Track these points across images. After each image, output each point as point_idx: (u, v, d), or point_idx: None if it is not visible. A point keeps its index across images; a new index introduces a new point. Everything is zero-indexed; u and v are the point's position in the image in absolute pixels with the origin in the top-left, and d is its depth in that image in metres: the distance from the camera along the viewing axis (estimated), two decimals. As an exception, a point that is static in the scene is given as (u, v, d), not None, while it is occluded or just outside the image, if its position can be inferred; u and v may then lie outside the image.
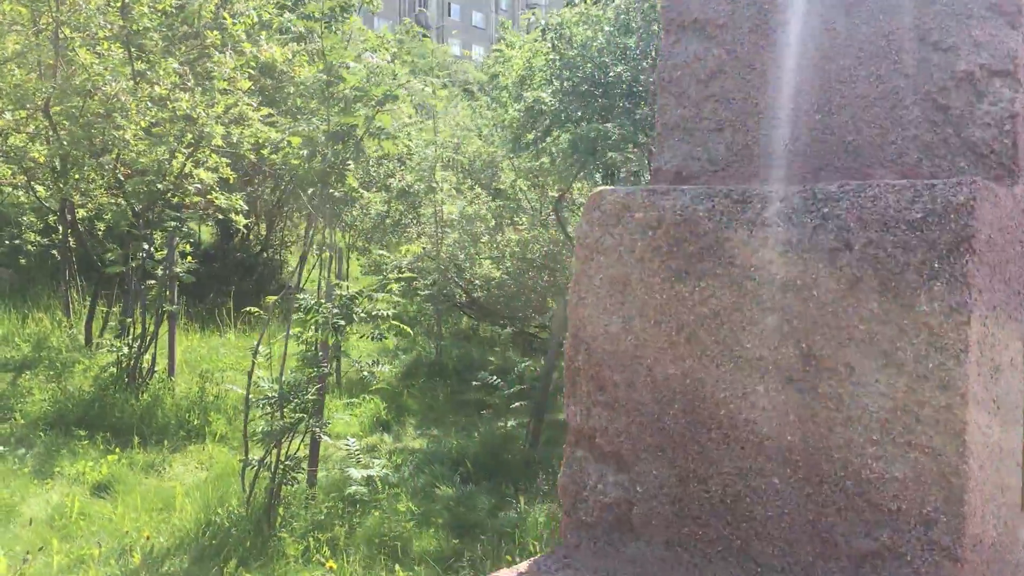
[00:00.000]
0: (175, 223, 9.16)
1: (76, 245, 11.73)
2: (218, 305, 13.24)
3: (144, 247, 9.03)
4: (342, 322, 5.87)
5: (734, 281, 1.91)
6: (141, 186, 9.18)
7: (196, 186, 9.48)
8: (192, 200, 9.76)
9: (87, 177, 9.86)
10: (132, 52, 9.30)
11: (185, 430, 8.04)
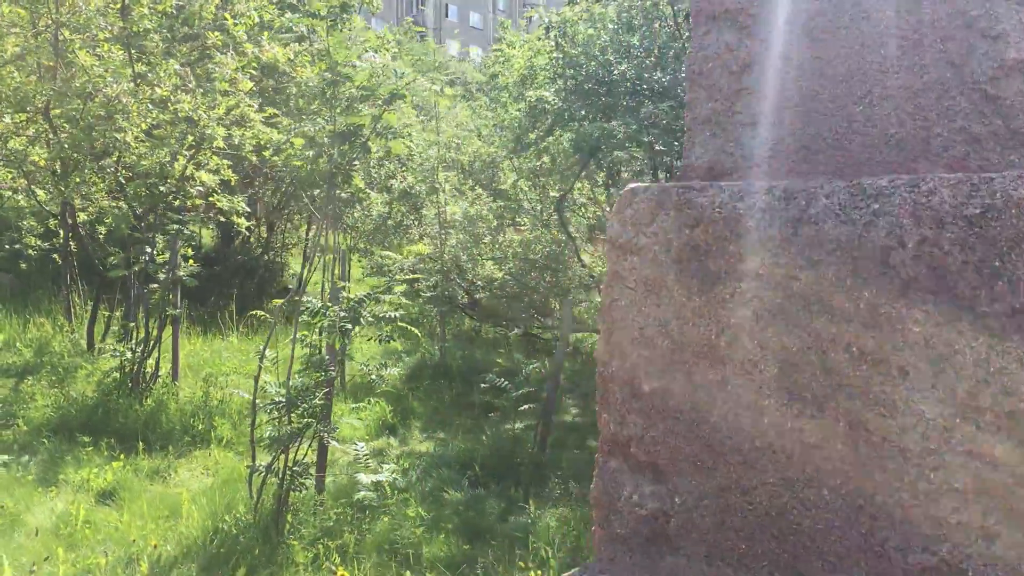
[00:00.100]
0: (178, 226, 9.07)
1: (77, 249, 11.64)
2: (220, 308, 13.16)
3: (146, 250, 8.94)
4: (349, 326, 5.78)
5: (779, 282, 1.81)
6: (142, 189, 9.10)
7: (198, 189, 9.40)
8: (194, 203, 9.67)
9: (88, 180, 9.78)
10: (132, 54, 9.22)
11: (190, 435, 7.95)
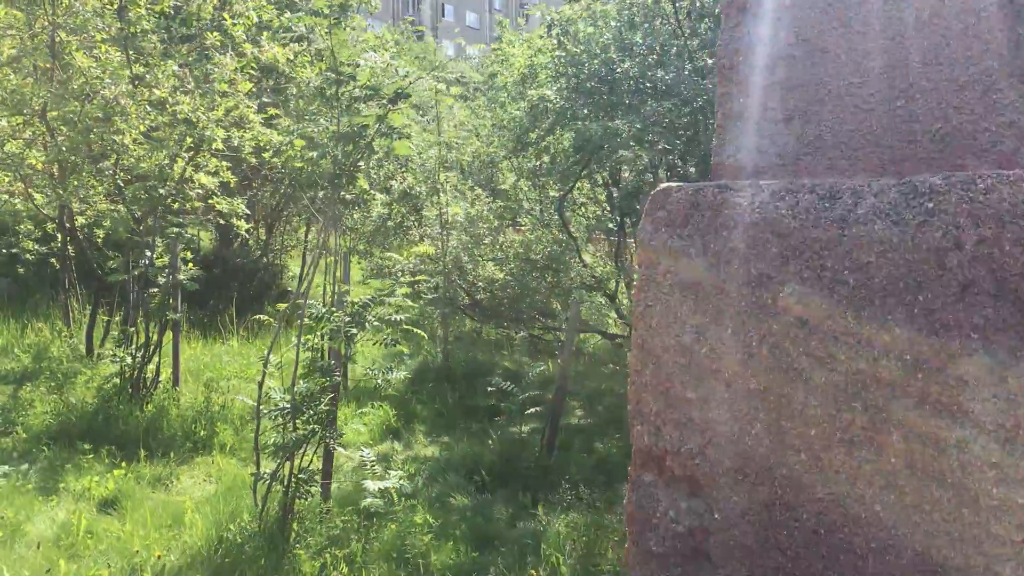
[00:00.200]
0: (178, 229, 8.96)
1: (75, 253, 11.53)
2: (219, 312, 13.07)
3: (146, 254, 8.83)
4: (354, 330, 5.68)
5: (825, 286, 1.71)
6: (141, 192, 8.99)
7: (197, 191, 9.29)
8: (193, 205, 9.56)
9: (86, 183, 9.67)
10: (130, 55, 9.11)
11: (192, 441, 7.84)
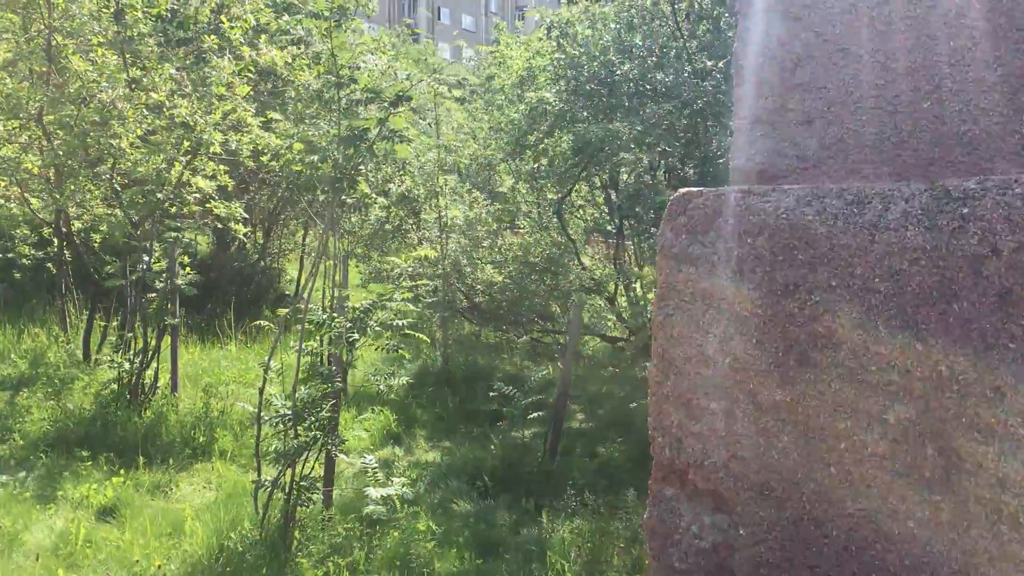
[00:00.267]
0: (176, 234, 8.89)
1: (72, 257, 11.46)
2: (217, 316, 13.00)
3: (144, 259, 8.76)
4: (356, 336, 5.61)
5: (855, 294, 1.65)
6: (139, 196, 8.93)
7: (195, 195, 9.23)
8: (191, 209, 9.49)
9: (83, 187, 9.60)
10: (127, 58, 9.05)
11: (191, 448, 7.77)
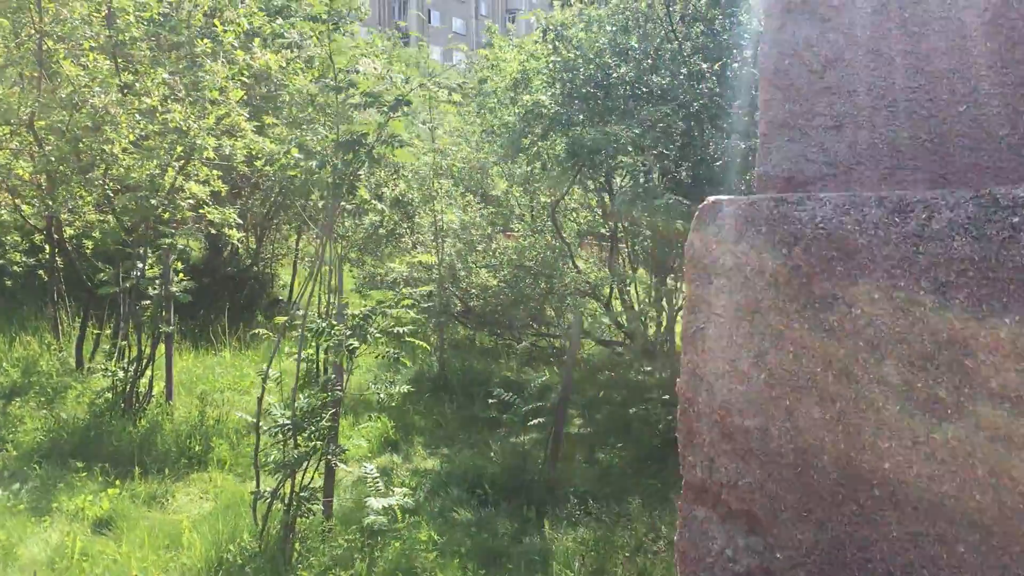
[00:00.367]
0: (170, 240, 8.79)
1: (64, 264, 11.34)
2: (210, 322, 12.89)
3: (138, 266, 8.65)
4: (356, 344, 5.53)
5: (898, 307, 1.58)
6: (132, 202, 8.82)
7: (189, 201, 9.13)
8: (184, 215, 9.39)
9: (75, 194, 9.50)
10: (119, 63, 8.95)
11: (186, 457, 7.66)
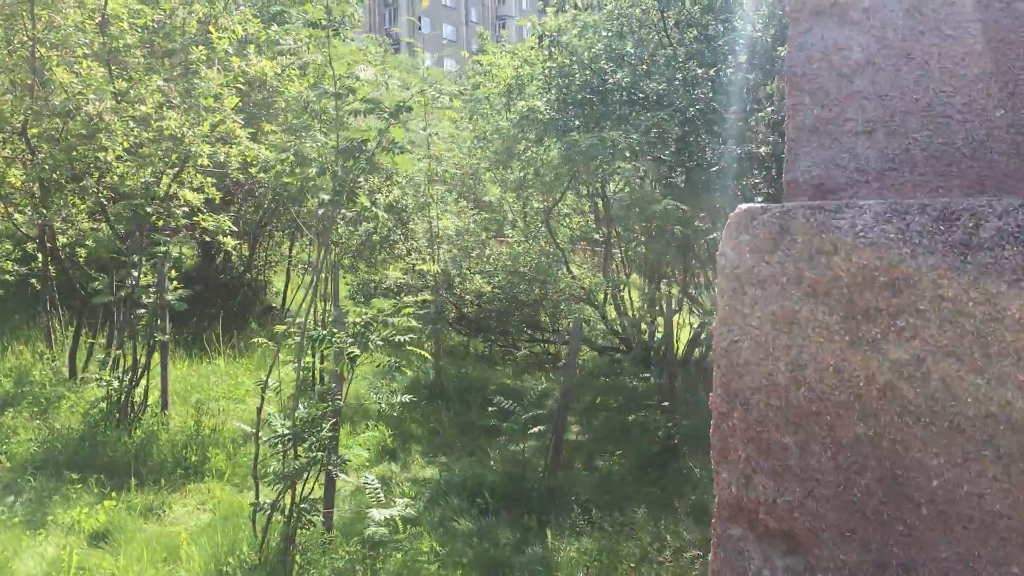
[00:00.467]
0: (165, 248, 8.69)
1: (57, 273, 11.23)
2: (203, 329, 12.78)
3: (132, 274, 8.55)
4: (357, 352, 5.45)
5: (945, 319, 1.52)
6: (126, 210, 8.73)
7: (183, 209, 9.05)
8: (178, 222, 9.30)
9: (69, 202, 9.40)
10: (113, 70, 8.87)
11: (183, 467, 7.55)
